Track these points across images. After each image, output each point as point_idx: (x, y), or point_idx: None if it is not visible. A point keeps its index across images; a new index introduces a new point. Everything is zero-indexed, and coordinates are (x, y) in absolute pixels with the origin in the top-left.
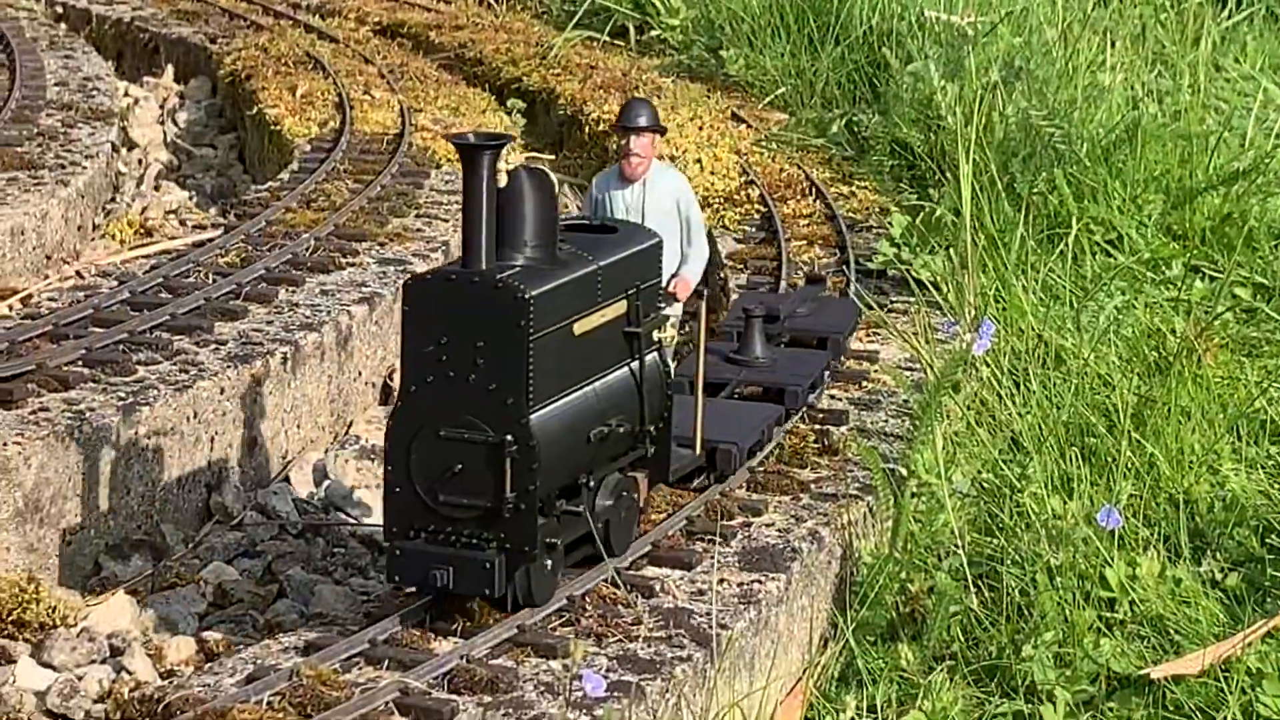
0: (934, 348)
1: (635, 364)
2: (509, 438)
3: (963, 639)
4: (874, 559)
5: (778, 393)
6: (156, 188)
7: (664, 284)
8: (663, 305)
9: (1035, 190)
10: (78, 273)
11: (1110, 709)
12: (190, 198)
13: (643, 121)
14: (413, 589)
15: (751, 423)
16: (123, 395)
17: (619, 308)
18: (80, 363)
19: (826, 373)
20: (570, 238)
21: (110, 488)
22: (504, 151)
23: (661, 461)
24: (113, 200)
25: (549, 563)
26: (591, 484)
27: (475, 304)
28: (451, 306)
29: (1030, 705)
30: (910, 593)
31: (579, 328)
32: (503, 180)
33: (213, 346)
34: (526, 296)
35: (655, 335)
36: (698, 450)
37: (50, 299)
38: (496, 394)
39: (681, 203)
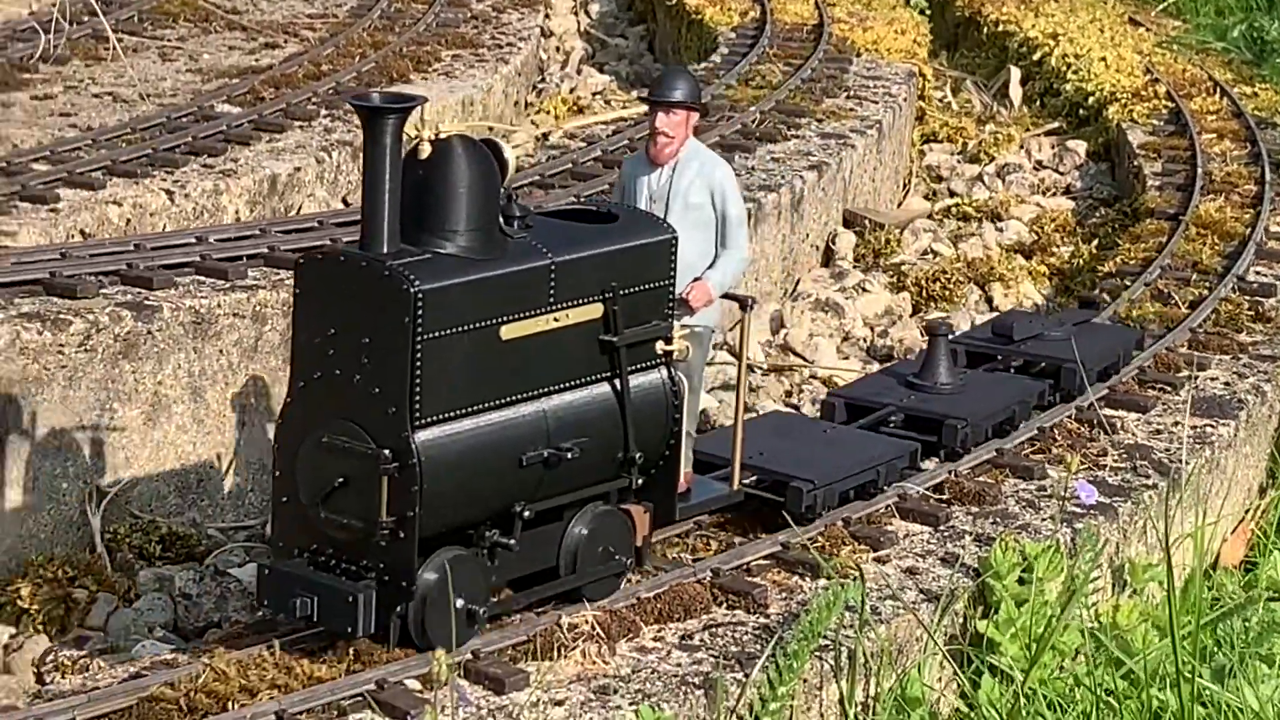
0: None
1: (616, 380)
2: (386, 452)
3: None
4: None
5: (936, 426)
6: (578, 72)
7: (678, 289)
8: (673, 313)
9: None
10: (545, 135)
11: None
12: (610, 81)
13: (676, 95)
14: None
15: (856, 459)
16: None
17: (588, 312)
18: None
19: (1029, 406)
20: (541, 224)
21: None
22: (421, 114)
23: (665, 495)
24: (541, 81)
25: (458, 600)
26: (527, 514)
27: (363, 293)
28: (340, 294)
29: None
30: None
31: (510, 332)
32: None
33: None
34: (414, 289)
35: (660, 348)
36: (734, 485)
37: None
38: (379, 400)
39: (717, 194)
